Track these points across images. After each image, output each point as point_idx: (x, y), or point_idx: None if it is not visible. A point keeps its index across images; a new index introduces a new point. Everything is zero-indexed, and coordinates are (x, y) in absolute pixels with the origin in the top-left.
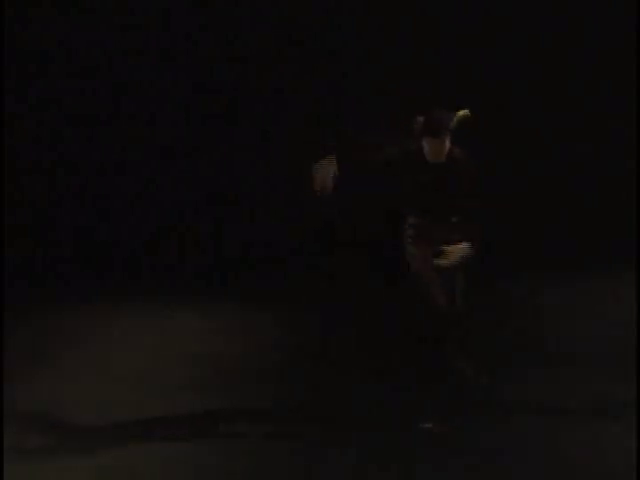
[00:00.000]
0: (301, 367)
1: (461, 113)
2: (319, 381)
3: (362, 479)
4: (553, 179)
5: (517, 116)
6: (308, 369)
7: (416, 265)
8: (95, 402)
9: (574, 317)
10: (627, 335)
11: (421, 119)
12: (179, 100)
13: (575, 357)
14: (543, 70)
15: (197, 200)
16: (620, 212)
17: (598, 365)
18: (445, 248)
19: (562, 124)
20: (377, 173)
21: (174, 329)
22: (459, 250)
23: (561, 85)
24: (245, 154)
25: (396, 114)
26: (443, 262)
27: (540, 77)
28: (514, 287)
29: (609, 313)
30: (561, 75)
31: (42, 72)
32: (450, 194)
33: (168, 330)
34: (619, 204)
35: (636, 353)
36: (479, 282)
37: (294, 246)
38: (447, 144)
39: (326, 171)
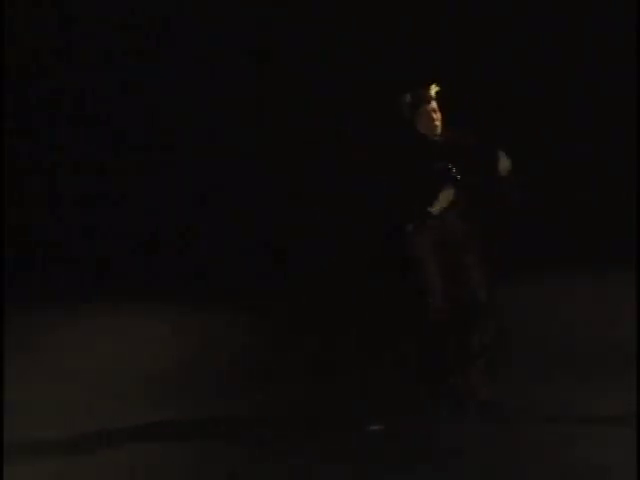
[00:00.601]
0: (301, 367)
1: (433, 89)
2: (316, 381)
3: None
4: (553, 179)
5: (517, 116)
6: (307, 369)
7: (419, 254)
8: (94, 404)
9: (574, 317)
10: (627, 335)
11: (407, 95)
12: (179, 100)
13: (575, 357)
14: (543, 70)
15: (196, 200)
16: (620, 212)
17: (598, 365)
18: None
19: (562, 124)
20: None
21: (173, 329)
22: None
23: (561, 85)
24: (246, 154)
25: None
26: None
27: (540, 77)
28: (514, 287)
29: (609, 313)
30: (561, 75)
31: (42, 72)
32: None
33: (167, 330)
34: (619, 204)
35: (636, 353)
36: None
37: (295, 246)
38: (439, 113)
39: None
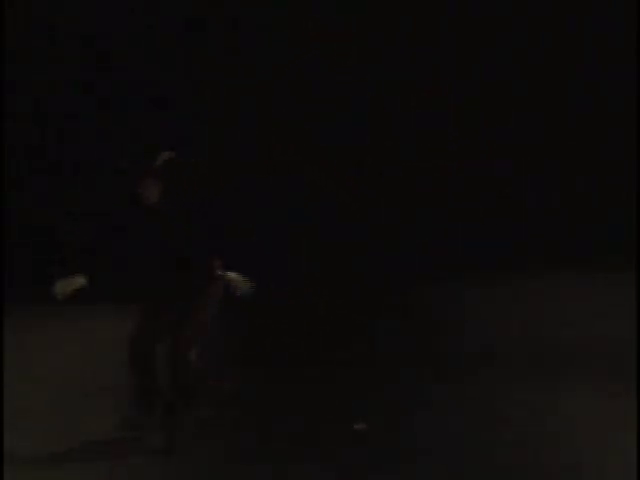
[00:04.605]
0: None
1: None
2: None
3: None
4: (553, 179)
5: (517, 116)
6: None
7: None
8: (94, 406)
9: (574, 317)
10: (627, 335)
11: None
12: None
13: (575, 357)
14: (543, 70)
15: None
16: (620, 212)
17: (598, 365)
18: None
19: (562, 124)
20: None
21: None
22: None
23: (561, 85)
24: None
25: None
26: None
27: (540, 77)
28: (514, 287)
29: (609, 313)
30: (561, 75)
31: (42, 71)
32: None
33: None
34: (619, 204)
35: (636, 353)
36: (479, 280)
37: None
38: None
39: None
